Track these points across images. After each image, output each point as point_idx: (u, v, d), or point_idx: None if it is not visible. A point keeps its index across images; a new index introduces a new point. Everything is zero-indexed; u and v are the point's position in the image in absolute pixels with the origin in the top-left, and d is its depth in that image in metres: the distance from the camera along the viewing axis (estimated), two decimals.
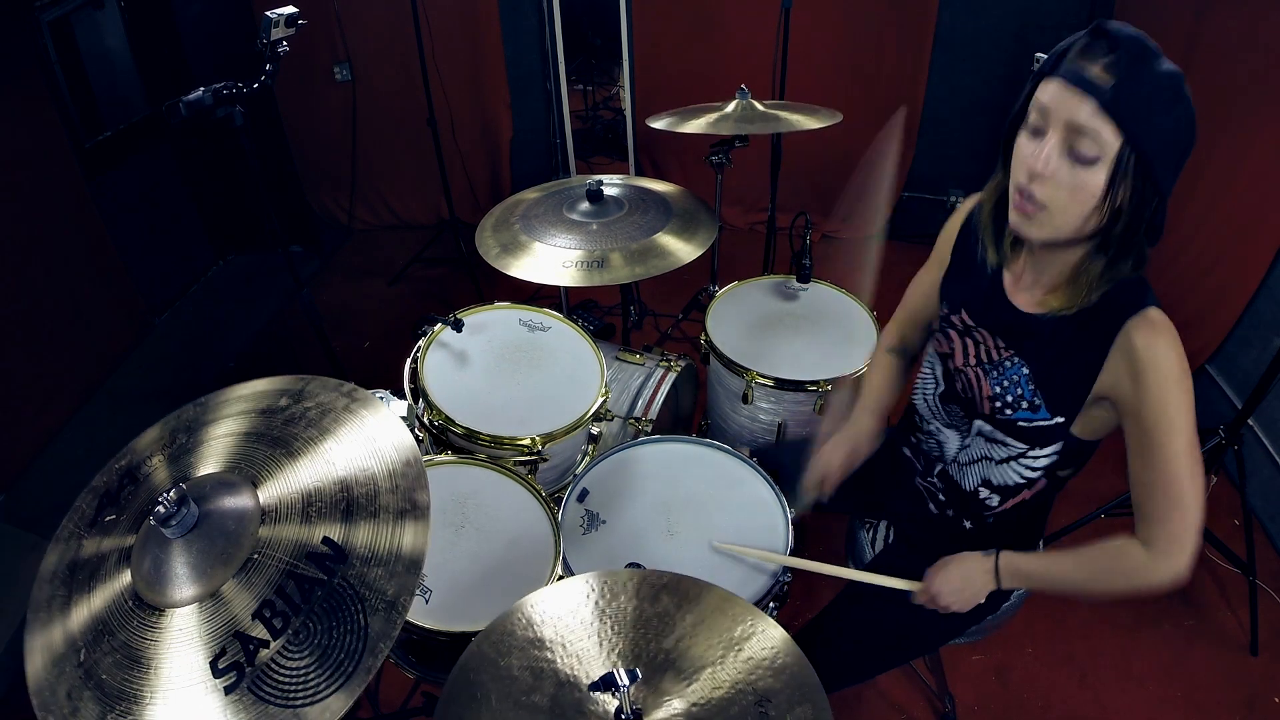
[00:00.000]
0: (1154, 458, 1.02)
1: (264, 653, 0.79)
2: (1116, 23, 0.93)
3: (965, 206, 1.27)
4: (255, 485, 0.92)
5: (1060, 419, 1.11)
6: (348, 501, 0.89)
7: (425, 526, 0.88)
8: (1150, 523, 1.05)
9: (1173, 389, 0.99)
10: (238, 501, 0.89)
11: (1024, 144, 0.99)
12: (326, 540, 0.86)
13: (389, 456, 0.94)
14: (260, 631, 0.80)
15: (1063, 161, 0.95)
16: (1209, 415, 2.53)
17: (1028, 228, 1.02)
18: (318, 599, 0.82)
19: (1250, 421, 2.15)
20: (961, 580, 1.22)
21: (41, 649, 0.86)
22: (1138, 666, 1.95)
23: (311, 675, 0.78)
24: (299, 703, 0.76)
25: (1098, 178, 0.93)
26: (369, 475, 0.92)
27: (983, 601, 1.24)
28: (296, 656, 0.79)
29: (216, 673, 0.78)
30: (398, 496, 0.90)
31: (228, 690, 0.77)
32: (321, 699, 0.76)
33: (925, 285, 1.40)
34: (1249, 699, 1.88)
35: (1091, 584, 1.13)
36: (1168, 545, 1.04)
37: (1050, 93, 0.94)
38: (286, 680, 0.78)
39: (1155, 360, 0.99)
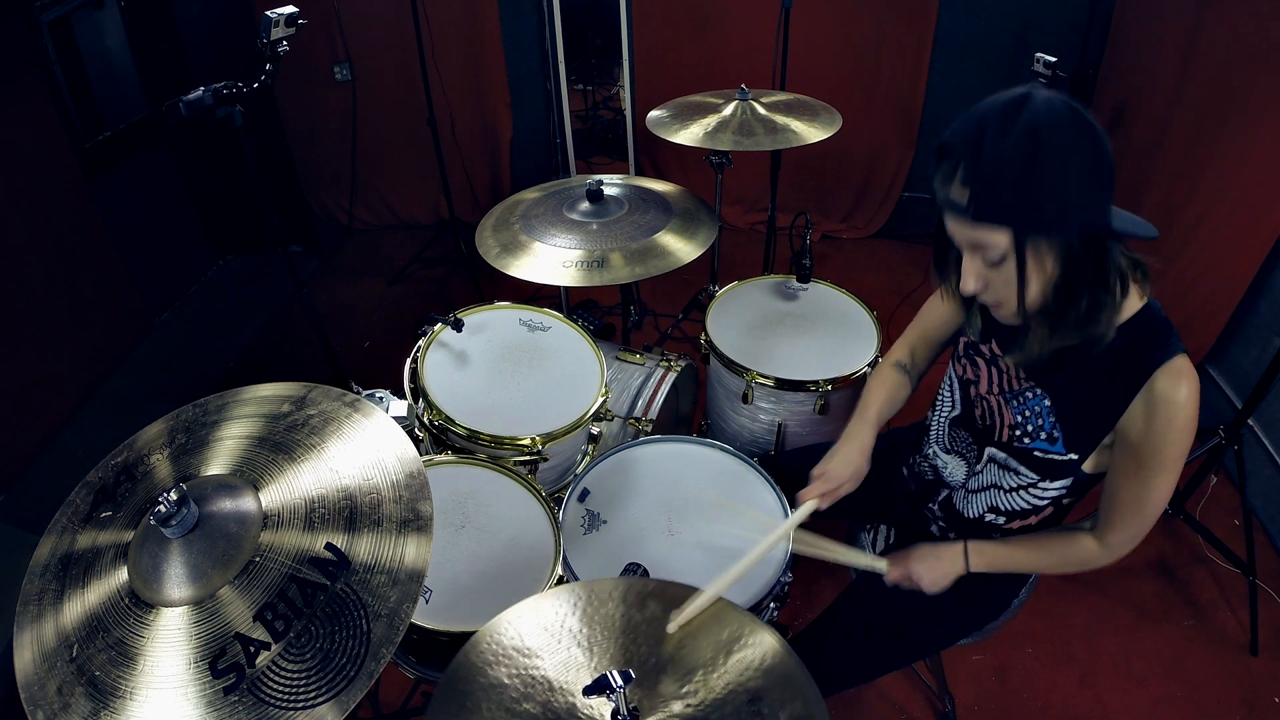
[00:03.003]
0: (1137, 486, 1.09)
1: (264, 655, 0.79)
2: (954, 127, 0.96)
3: None
4: (257, 489, 0.92)
5: (1075, 456, 1.14)
6: (351, 510, 0.89)
7: (428, 537, 0.88)
8: (1113, 529, 1.15)
9: (1178, 435, 1.03)
10: (239, 504, 0.89)
11: (963, 266, 1.06)
12: (330, 546, 0.86)
13: (393, 467, 0.94)
14: (261, 634, 0.80)
15: (983, 272, 1.02)
16: (1209, 415, 2.53)
17: (1007, 320, 1.09)
18: (320, 604, 0.82)
19: (1250, 421, 2.15)
20: (935, 560, 1.28)
21: (31, 643, 0.85)
22: (1138, 666, 1.95)
23: (313, 679, 0.77)
24: (299, 706, 0.76)
25: (1010, 268, 0.99)
26: (373, 485, 0.92)
27: (949, 585, 1.28)
28: (298, 660, 0.79)
29: (216, 673, 0.78)
30: (401, 507, 0.90)
31: (227, 691, 0.77)
32: (322, 703, 0.76)
33: (942, 306, 1.40)
34: (1249, 699, 1.88)
35: (1047, 567, 1.26)
36: (1121, 547, 1.17)
37: (947, 225, 1.02)
38: (287, 683, 0.77)
39: (1172, 405, 1.02)
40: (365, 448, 0.96)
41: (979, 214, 0.95)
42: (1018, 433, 1.19)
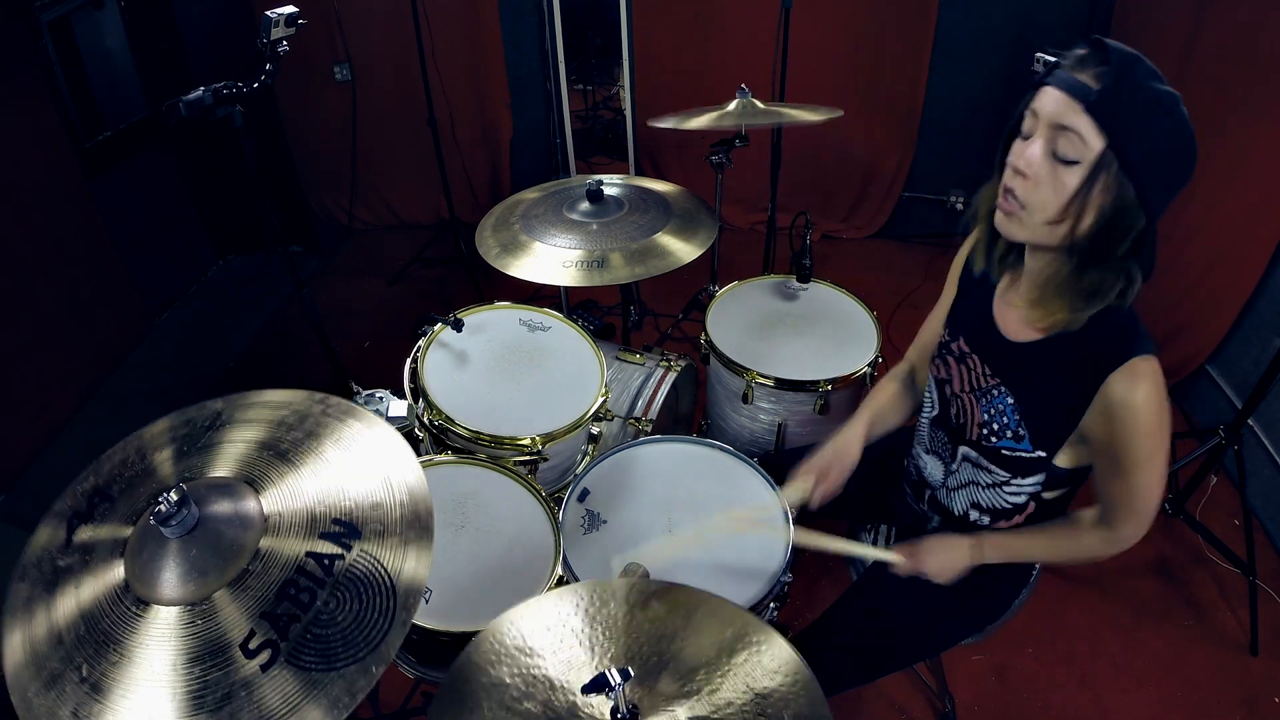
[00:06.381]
0: (1121, 486, 1.10)
1: (296, 626, 0.81)
2: (1116, 41, 0.95)
3: (973, 238, 1.27)
4: (258, 492, 0.92)
5: (1042, 453, 1.15)
6: (352, 521, 0.90)
7: (429, 548, 0.89)
8: (1115, 523, 1.16)
9: (1144, 436, 1.03)
10: (240, 508, 0.89)
11: (1015, 148, 1.02)
12: (329, 530, 0.86)
13: (396, 484, 0.94)
14: (286, 608, 0.82)
15: (1045, 161, 0.98)
16: (1209, 415, 2.53)
17: (1009, 227, 1.05)
18: (340, 571, 0.85)
19: (1250, 421, 2.15)
20: (945, 553, 1.26)
21: (23, 642, 0.86)
22: (1138, 666, 1.95)
23: (350, 634, 0.81)
24: (346, 662, 0.79)
25: (1075, 177, 0.96)
26: (376, 500, 0.92)
27: (964, 574, 1.26)
28: (329, 625, 0.82)
29: (248, 654, 0.80)
30: (404, 514, 0.91)
31: (264, 668, 0.79)
32: (366, 655, 0.79)
33: (936, 322, 1.41)
34: (1249, 699, 1.88)
35: (1057, 558, 1.27)
36: (1128, 539, 1.17)
37: (1042, 98, 0.99)
38: (325, 645, 0.80)
39: (1128, 409, 1.01)
40: (367, 458, 0.96)
41: (1099, 107, 0.92)
42: (985, 431, 1.20)
